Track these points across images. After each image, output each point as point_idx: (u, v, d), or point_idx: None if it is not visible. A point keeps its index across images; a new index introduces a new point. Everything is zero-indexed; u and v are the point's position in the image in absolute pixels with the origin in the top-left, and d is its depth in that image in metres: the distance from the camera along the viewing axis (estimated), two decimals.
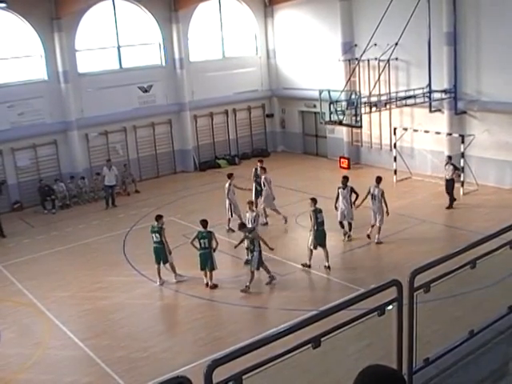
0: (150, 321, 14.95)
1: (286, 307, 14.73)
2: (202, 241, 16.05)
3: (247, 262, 16.98)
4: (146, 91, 28.82)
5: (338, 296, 13.59)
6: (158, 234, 16.76)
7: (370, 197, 18.88)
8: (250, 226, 17.38)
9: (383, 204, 18.68)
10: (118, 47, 28.16)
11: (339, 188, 19.09)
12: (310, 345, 4.31)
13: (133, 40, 28.56)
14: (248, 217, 17.97)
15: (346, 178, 19.28)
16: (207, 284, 16.21)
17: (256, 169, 22.10)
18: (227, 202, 20.46)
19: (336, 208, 19.06)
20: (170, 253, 16.85)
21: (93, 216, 23.84)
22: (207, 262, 16.04)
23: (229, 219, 20.48)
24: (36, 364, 13.11)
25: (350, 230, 19.26)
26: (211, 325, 14.53)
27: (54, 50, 25.92)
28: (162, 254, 16.71)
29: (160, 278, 16.78)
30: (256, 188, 21.69)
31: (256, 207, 19.22)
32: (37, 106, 25.84)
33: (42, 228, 22.91)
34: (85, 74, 27.20)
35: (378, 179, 19.05)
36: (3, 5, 23.34)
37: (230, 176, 20.93)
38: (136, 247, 19.86)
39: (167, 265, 16.79)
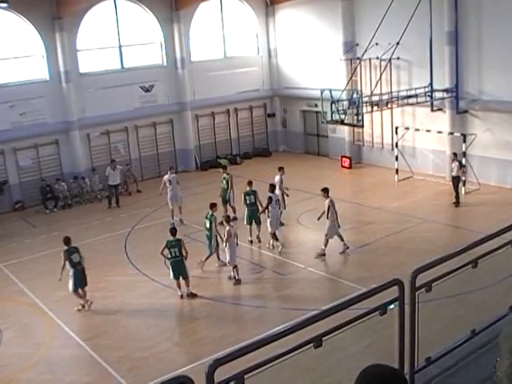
0: (152, 320, 14.94)
1: (288, 307, 14.73)
2: (172, 250, 15.57)
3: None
4: (147, 91, 28.84)
5: (339, 295, 13.58)
6: (209, 222, 17.27)
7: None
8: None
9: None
10: (120, 47, 28.17)
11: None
12: (311, 344, 4.31)
13: (134, 40, 28.56)
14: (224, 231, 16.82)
15: (271, 186, 19.19)
16: (181, 296, 15.75)
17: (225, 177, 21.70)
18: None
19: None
20: (220, 241, 17.21)
21: (94, 216, 23.85)
22: (180, 271, 15.64)
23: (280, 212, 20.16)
24: (37, 364, 13.11)
25: (277, 240, 18.77)
26: (213, 324, 14.53)
27: (55, 49, 25.93)
28: (210, 241, 17.36)
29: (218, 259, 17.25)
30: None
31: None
32: (38, 105, 25.85)
33: (43, 228, 22.92)
34: (86, 73, 27.21)
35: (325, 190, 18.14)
36: (4, 5, 23.35)
37: (280, 169, 20.88)
38: (137, 247, 19.88)
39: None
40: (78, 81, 26.72)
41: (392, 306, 4.90)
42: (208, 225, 17.29)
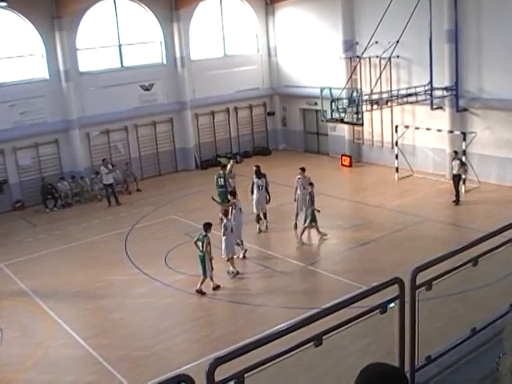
0: (152, 319, 14.95)
1: (288, 305, 14.73)
2: (198, 243, 15.88)
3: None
4: (147, 90, 28.82)
5: (339, 294, 13.56)
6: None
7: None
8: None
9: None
10: (119, 46, 28.16)
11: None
12: (311, 343, 4.30)
13: (134, 38, 28.55)
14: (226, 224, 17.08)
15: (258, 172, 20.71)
16: (214, 288, 15.99)
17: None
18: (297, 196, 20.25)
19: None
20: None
21: (94, 215, 23.86)
22: (201, 266, 15.87)
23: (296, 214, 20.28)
24: (38, 363, 13.11)
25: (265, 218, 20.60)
26: (213, 323, 14.54)
27: (55, 48, 25.92)
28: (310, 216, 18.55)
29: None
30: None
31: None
32: (38, 105, 25.84)
33: (43, 227, 22.92)
34: (86, 72, 27.20)
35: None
36: (4, 4, 23.36)
37: (303, 169, 20.73)
38: (138, 246, 19.89)
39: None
40: (78, 80, 26.71)
41: (392, 305, 4.90)
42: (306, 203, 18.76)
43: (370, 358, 4.72)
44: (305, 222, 18.93)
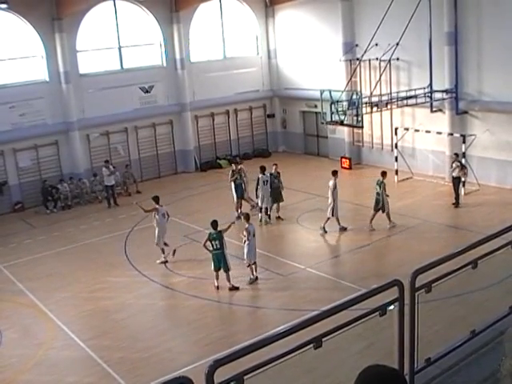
0: (152, 321, 14.95)
1: (288, 307, 14.73)
2: (213, 242, 15.99)
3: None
4: (147, 92, 28.84)
5: (339, 296, 13.57)
6: (379, 187, 19.44)
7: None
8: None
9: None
10: (119, 48, 28.17)
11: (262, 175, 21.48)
12: (311, 345, 4.31)
13: (134, 40, 28.57)
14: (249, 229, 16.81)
15: (262, 168, 21.78)
16: (217, 287, 16.04)
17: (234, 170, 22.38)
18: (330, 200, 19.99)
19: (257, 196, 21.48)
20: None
21: (94, 216, 23.85)
22: (220, 263, 15.97)
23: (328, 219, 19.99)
24: (38, 364, 13.11)
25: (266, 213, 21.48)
26: (213, 325, 14.52)
27: (55, 50, 25.94)
28: (378, 203, 19.45)
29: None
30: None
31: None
32: (38, 106, 25.85)
33: (43, 228, 22.91)
34: (86, 74, 27.21)
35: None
36: (4, 5, 23.37)
37: (334, 173, 20.34)
38: (137, 248, 19.88)
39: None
40: (78, 81, 26.71)
41: (392, 307, 4.91)
42: (378, 189, 19.60)
43: (369, 359, 4.72)
44: (383, 210, 19.68)
